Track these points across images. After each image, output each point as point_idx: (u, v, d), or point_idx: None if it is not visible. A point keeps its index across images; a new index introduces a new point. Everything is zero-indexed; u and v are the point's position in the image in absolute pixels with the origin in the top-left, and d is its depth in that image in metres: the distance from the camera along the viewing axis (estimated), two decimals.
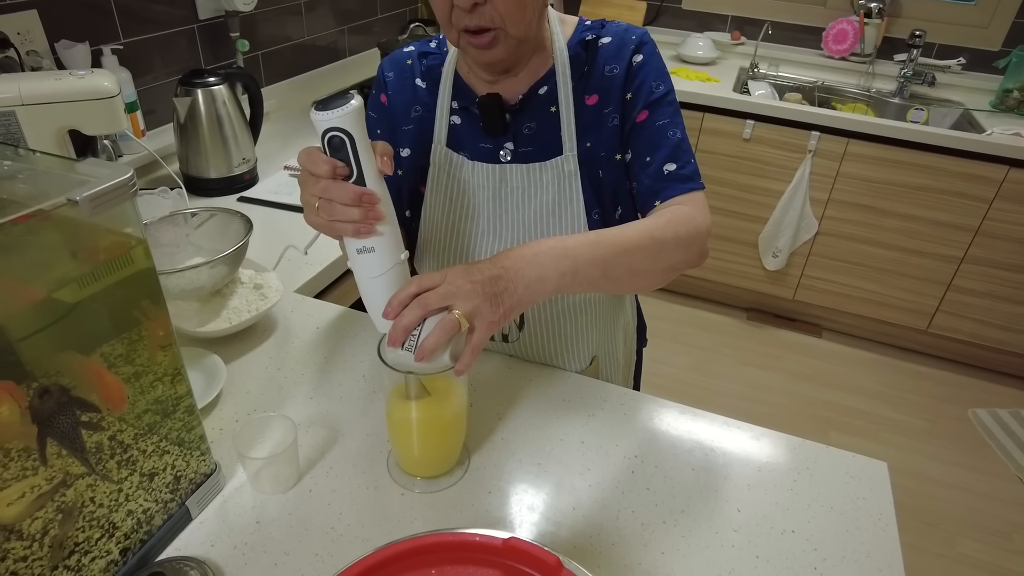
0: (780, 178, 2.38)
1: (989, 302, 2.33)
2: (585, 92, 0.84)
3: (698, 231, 0.77)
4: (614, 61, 0.83)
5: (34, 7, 1.25)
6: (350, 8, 2.16)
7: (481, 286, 0.66)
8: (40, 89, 0.96)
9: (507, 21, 0.73)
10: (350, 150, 0.64)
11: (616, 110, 0.84)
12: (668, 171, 0.81)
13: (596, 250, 0.71)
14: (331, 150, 0.64)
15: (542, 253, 0.70)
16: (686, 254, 0.77)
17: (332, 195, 0.64)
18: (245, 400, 0.86)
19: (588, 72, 0.84)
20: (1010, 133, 2.10)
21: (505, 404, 0.87)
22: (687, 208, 0.79)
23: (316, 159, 0.64)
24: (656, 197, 0.81)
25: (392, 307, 0.65)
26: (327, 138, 0.64)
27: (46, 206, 0.50)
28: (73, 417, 0.56)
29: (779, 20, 2.69)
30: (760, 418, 2.20)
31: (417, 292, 0.65)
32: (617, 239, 0.73)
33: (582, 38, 0.84)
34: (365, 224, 0.65)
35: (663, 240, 0.75)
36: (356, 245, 0.67)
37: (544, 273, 0.69)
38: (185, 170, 1.41)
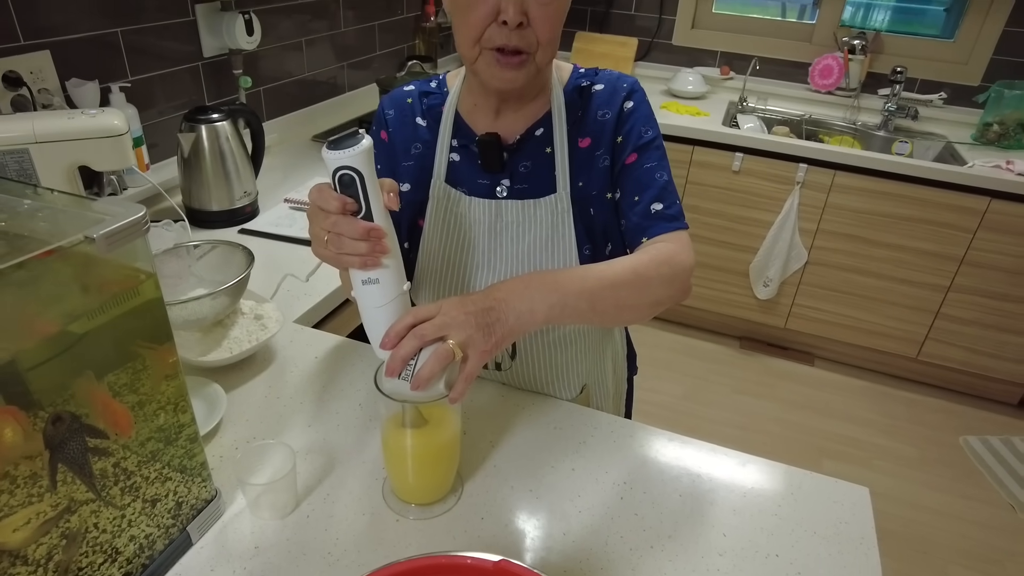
0: (769, 209, 2.43)
1: (978, 330, 2.37)
2: (579, 135, 0.89)
3: (682, 268, 0.81)
4: (606, 107, 0.88)
5: (47, 48, 1.30)
6: (350, 45, 2.23)
7: (474, 317, 0.69)
8: (53, 128, 1.00)
9: (540, 47, 0.78)
10: (359, 187, 0.67)
11: (607, 152, 0.88)
12: (655, 210, 0.85)
13: (584, 284, 0.75)
14: (341, 187, 0.68)
15: (532, 286, 0.73)
16: (670, 290, 0.81)
17: (341, 229, 0.68)
18: (245, 428, 0.89)
19: (582, 116, 0.89)
20: (991, 165, 2.16)
21: (498, 432, 0.90)
22: (672, 246, 0.83)
23: (327, 195, 0.68)
24: (643, 234, 0.85)
25: (389, 338, 0.69)
26: (338, 176, 0.67)
27: (65, 243, 0.53)
28: (83, 443, 0.58)
29: (767, 56, 2.77)
30: (754, 447, 2.22)
31: (413, 323, 0.69)
32: (604, 274, 0.77)
33: (577, 84, 0.89)
34: (372, 257, 0.69)
35: (648, 276, 0.78)
36: (361, 276, 0.71)
37: (534, 305, 0.72)
38: (188, 203, 1.45)
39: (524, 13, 0.75)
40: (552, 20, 0.77)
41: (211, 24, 1.65)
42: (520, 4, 0.74)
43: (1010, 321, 2.31)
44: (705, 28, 2.86)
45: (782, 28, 2.80)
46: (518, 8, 0.74)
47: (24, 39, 1.26)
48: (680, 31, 2.87)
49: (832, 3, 2.66)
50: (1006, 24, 2.45)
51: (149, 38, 1.52)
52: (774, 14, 2.85)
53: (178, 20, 1.58)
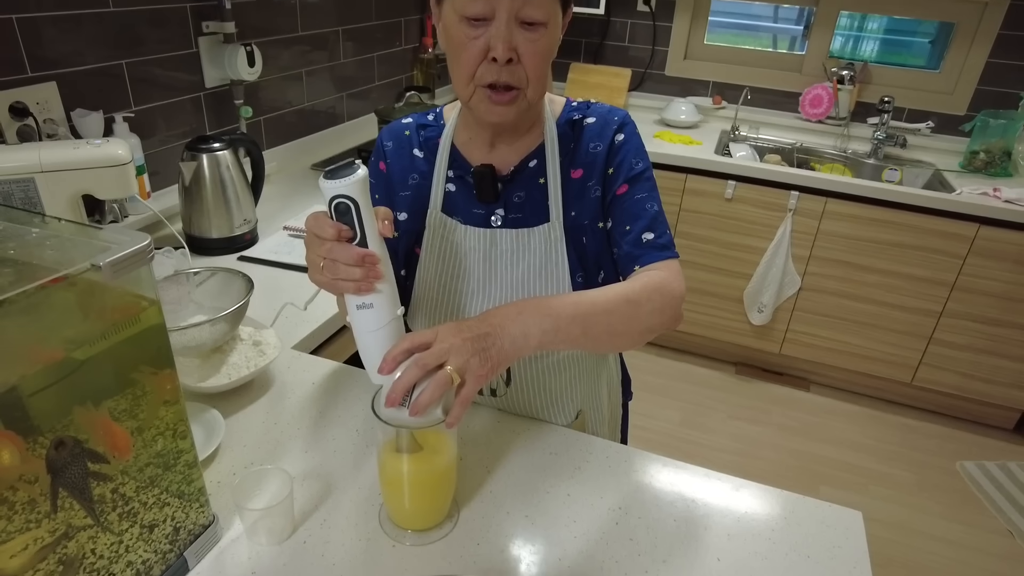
0: (762, 236, 2.46)
1: (971, 355, 2.38)
2: (571, 166, 0.91)
3: (673, 296, 0.83)
4: (598, 139, 0.91)
5: (53, 79, 1.33)
6: (349, 75, 2.27)
7: (471, 342, 0.70)
8: (59, 157, 1.02)
9: (530, 83, 0.81)
10: (354, 215, 0.70)
11: (598, 183, 0.91)
12: (646, 239, 0.88)
13: (577, 309, 0.77)
14: (337, 215, 0.71)
15: (527, 311, 0.75)
16: (661, 317, 0.82)
17: (337, 256, 0.70)
18: (242, 453, 0.89)
19: (574, 148, 0.91)
20: (979, 192, 2.20)
21: (494, 458, 0.90)
22: (663, 274, 0.85)
23: (323, 223, 0.70)
24: (635, 262, 0.88)
25: (387, 362, 0.70)
26: (334, 204, 0.70)
27: (72, 271, 0.54)
28: (84, 467, 0.59)
29: (758, 85, 2.83)
30: (751, 473, 2.21)
31: (410, 349, 0.70)
32: (597, 300, 0.79)
33: (570, 117, 0.92)
34: (366, 282, 0.71)
35: (640, 303, 0.80)
36: (356, 301, 0.73)
37: (528, 330, 0.74)
38: (188, 230, 1.47)
39: (513, 50, 0.78)
40: (540, 56, 0.80)
41: (213, 56, 1.69)
42: (508, 42, 0.77)
43: (1003, 346, 2.33)
44: (697, 59, 2.92)
45: (772, 59, 2.86)
46: (507, 45, 0.77)
47: (31, 71, 1.29)
48: (673, 62, 2.93)
49: (821, 34, 2.73)
50: (989, 56, 2.51)
51: (153, 69, 1.55)
52: (765, 45, 2.92)
53: (181, 52, 1.62)
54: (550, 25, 0.79)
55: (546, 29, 0.78)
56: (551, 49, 0.81)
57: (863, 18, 2.76)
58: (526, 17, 0.76)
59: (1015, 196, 2.14)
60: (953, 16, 2.55)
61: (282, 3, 1.90)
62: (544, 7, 0.77)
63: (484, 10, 0.75)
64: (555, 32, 0.80)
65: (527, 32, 0.77)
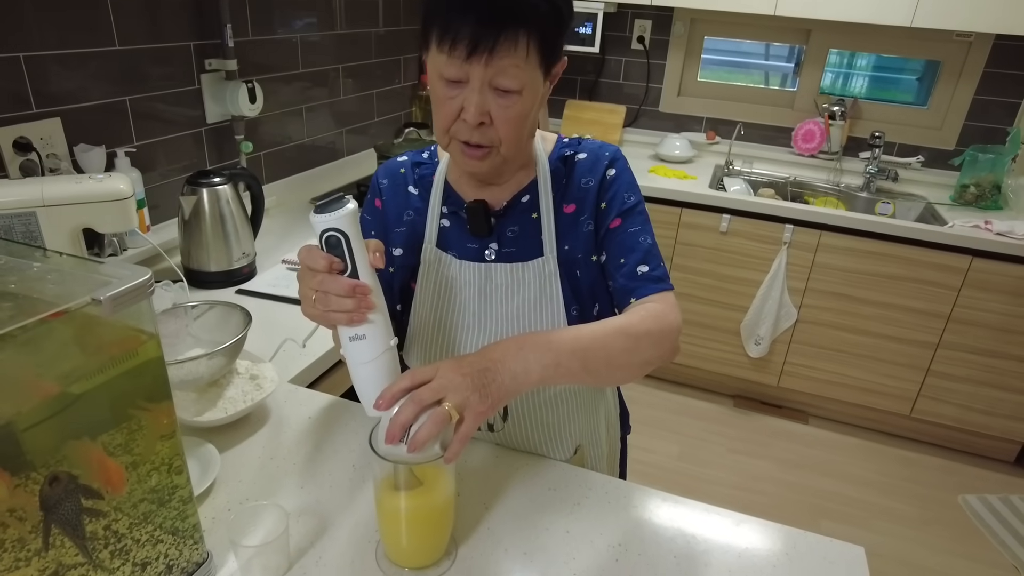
0: (758, 268, 2.48)
1: (969, 387, 2.38)
2: (564, 201, 0.92)
3: (670, 328, 0.84)
4: (589, 174, 0.92)
5: (57, 115, 1.35)
6: (349, 111, 2.31)
7: (471, 378, 0.70)
8: (61, 192, 1.03)
9: (503, 143, 0.81)
10: (345, 247, 0.71)
11: (591, 217, 0.92)
12: (641, 272, 0.88)
13: (577, 343, 0.77)
14: (328, 247, 0.72)
15: (527, 346, 0.75)
16: (659, 350, 0.83)
17: (328, 288, 0.71)
18: (238, 489, 0.88)
19: (566, 184, 0.93)
20: (970, 225, 2.22)
21: (492, 494, 0.89)
22: (660, 306, 0.85)
23: (314, 256, 0.72)
24: (631, 295, 0.88)
25: (385, 399, 0.70)
26: (324, 237, 0.71)
27: (73, 305, 0.55)
28: (77, 504, 0.58)
29: (751, 121, 2.88)
30: (752, 507, 2.19)
31: (410, 386, 0.70)
32: (596, 334, 0.79)
33: (561, 154, 0.93)
34: (358, 313, 0.71)
35: (637, 336, 0.81)
36: (349, 333, 0.73)
37: (528, 365, 0.74)
38: (187, 263, 1.47)
39: (485, 114, 0.78)
40: (513, 121, 0.79)
41: (215, 92, 1.72)
42: (480, 107, 0.77)
43: (1001, 378, 2.33)
44: (691, 95, 2.98)
45: (765, 95, 2.92)
46: (478, 110, 0.77)
47: (36, 107, 1.31)
48: (667, 98, 2.99)
49: (811, 71, 2.79)
50: (975, 93, 2.57)
51: (156, 105, 1.58)
52: (757, 82, 2.98)
53: (184, 88, 1.65)
54: (525, 92, 0.78)
55: (520, 96, 0.78)
56: (525, 114, 0.80)
57: (852, 56, 2.83)
58: (499, 85, 0.77)
59: (1006, 229, 2.16)
60: (939, 55, 2.62)
61: (283, 41, 1.94)
62: (518, 77, 0.76)
63: (459, 75, 0.77)
64: (531, 98, 0.79)
65: (500, 98, 0.78)
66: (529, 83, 0.78)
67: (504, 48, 0.74)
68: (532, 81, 0.78)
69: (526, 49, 0.75)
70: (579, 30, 2.69)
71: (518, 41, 0.74)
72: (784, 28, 2.78)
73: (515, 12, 0.73)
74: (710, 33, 2.88)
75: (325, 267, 0.71)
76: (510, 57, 0.75)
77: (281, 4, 1.90)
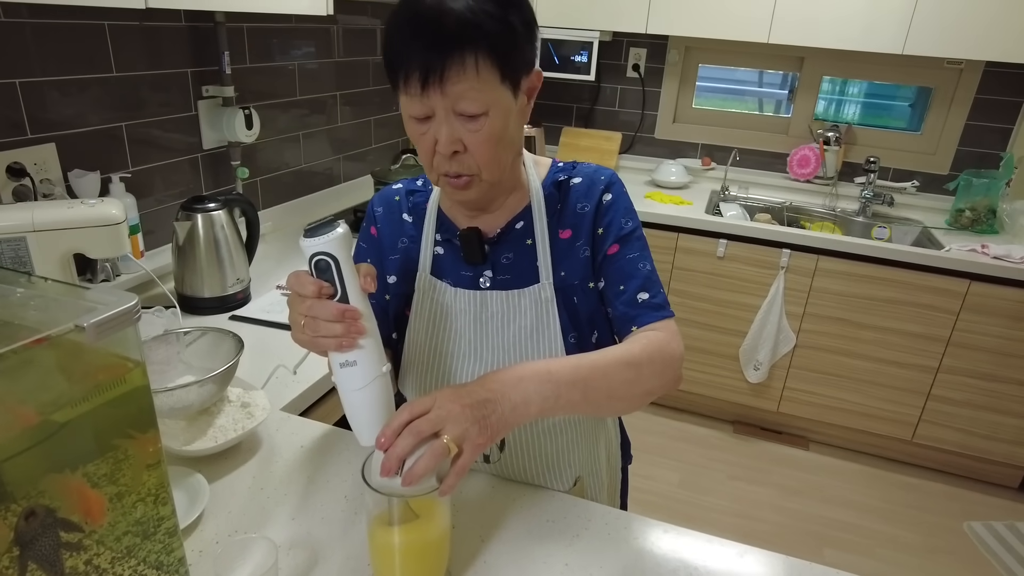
0: (755, 293, 2.47)
1: (970, 411, 2.36)
2: (559, 226, 0.91)
3: (673, 357, 0.83)
4: (585, 199, 0.91)
5: (52, 141, 1.34)
6: (346, 138, 2.32)
7: (470, 409, 0.68)
8: (52, 217, 1.02)
9: (483, 169, 0.80)
10: (335, 272, 0.70)
11: (587, 243, 0.90)
12: (642, 299, 0.87)
13: (577, 374, 0.76)
14: (317, 272, 0.70)
15: (527, 377, 0.73)
16: (661, 380, 0.82)
17: (316, 312, 0.69)
18: (227, 521, 0.85)
19: (561, 209, 0.91)
20: (967, 249, 2.23)
21: (488, 526, 0.87)
22: (662, 335, 0.84)
23: (303, 280, 0.70)
24: (632, 323, 0.87)
25: (386, 436, 0.67)
26: (314, 261, 0.70)
27: (55, 332, 0.53)
28: (55, 539, 0.56)
29: (746, 147, 2.90)
30: (754, 535, 2.15)
31: (409, 420, 0.67)
32: (597, 364, 0.78)
33: (555, 179, 0.92)
34: (347, 338, 0.70)
35: (639, 366, 0.80)
36: (339, 360, 0.71)
37: (528, 396, 0.72)
38: (180, 289, 1.46)
39: (457, 141, 0.77)
40: (486, 144, 0.77)
41: (212, 118, 1.72)
42: (450, 135, 0.76)
43: (1001, 402, 2.31)
44: (686, 122, 3.00)
45: (760, 121, 2.95)
46: (447, 140, 0.76)
47: (31, 132, 1.31)
48: (662, 125, 3.01)
49: (805, 98, 2.82)
50: (967, 118, 2.59)
51: (152, 131, 1.58)
52: (751, 108, 3.01)
53: (180, 115, 1.65)
54: (492, 112, 0.76)
55: (488, 118, 0.76)
56: (498, 134, 0.78)
57: (845, 83, 2.86)
58: (462, 111, 0.75)
59: (1003, 252, 2.17)
60: (930, 81, 2.65)
61: (281, 69, 1.95)
62: (478, 100, 0.74)
63: (424, 110, 0.76)
64: (501, 117, 0.77)
65: (468, 124, 0.76)
66: (494, 103, 0.76)
67: (454, 74, 0.72)
68: (497, 100, 0.76)
69: (476, 70, 0.72)
70: (575, 58, 2.73)
71: (466, 64, 0.72)
72: (777, 56, 2.81)
73: (458, 36, 0.71)
74: (704, 61, 2.91)
75: (314, 292, 0.70)
76: (464, 82, 0.73)
77: (280, 32, 1.91)
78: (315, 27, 2.05)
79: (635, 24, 2.56)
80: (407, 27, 0.72)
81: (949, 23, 2.21)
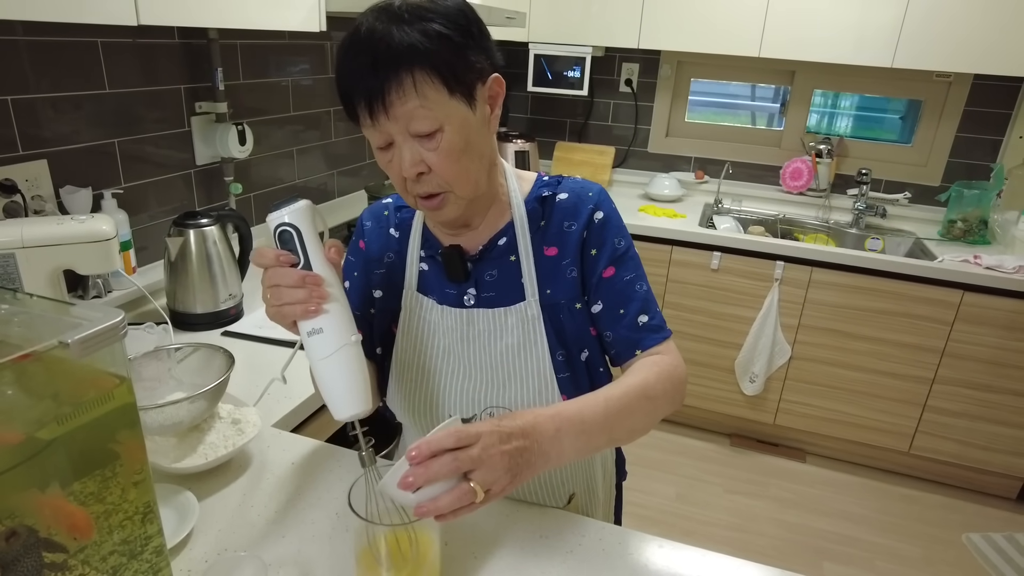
0: (750, 305, 2.47)
1: (967, 422, 2.35)
2: (544, 243, 0.90)
3: (680, 380, 0.85)
4: (572, 217, 0.89)
5: (44, 157, 1.34)
6: (340, 153, 2.32)
7: (509, 457, 0.68)
8: (41, 233, 1.02)
9: (453, 184, 0.79)
10: (297, 242, 0.72)
11: (574, 263, 0.89)
12: (642, 323, 0.88)
13: (606, 421, 0.77)
14: (281, 243, 0.72)
15: (563, 428, 0.74)
16: (672, 405, 0.85)
17: (278, 280, 0.71)
18: (216, 539, 0.84)
19: (545, 225, 0.90)
20: (960, 260, 2.23)
21: (481, 544, 0.86)
22: (668, 358, 0.86)
23: (264, 251, 0.72)
24: (636, 347, 0.88)
25: (421, 452, 0.65)
26: (278, 233, 0.72)
27: (39, 348, 0.52)
28: (38, 559, 0.55)
29: (738, 160, 2.92)
30: (751, 549, 2.13)
31: (455, 446, 0.66)
32: (623, 405, 0.79)
33: (539, 194, 0.91)
34: (312, 303, 0.70)
35: (656, 398, 0.82)
36: (307, 328, 0.72)
37: (563, 449, 0.74)
38: (172, 305, 1.45)
39: (420, 162, 0.77)
40: (448, 160, 0.76)
41: (205, 134, 1.72)
42: (411, 157, 0.76)
43: (998, 412, 2.31)
44: (679, 136, 3.02)
45: (752, 134, 2.97)
46: (410, 162, 0.76)
47: (23, 149, 1.30)
48: (655, 139, 3.03)
49: (797, 111, 2.84)
50: (957, 130, 2.62)
51: (145, 147, 1.58)
52: (744, 122, 3.03)
53: (173, 131, 1.65)
54: (447, 128, 0.75)
55: (443, 134, 0.75)
56: (458, 147, 0.76)
57: (836, 96, 2.88)
58: (416, 131, 0.75)
59: (996, 263, 2.17)
60: (920, 94, 2.67)
61: (275, 85, 1.96)
62: (428, 117, 0.73)
63: (382, 138, 0.77)
64: (459, 130, 0.76)
65: (426, 143, 0.76)
66: (447, 118, 0.75)
67: (396, 97, 0.72)
68: (450, 115, 0.75)
69: (415, 89, 0.72)
70: (567, 74, 2.75)
71: (404, 85, 0.71)
72: (769, 70, 2.84)
73: (393, 59, 0.71)
74: (696, 75, 2.94)
75: (273, 260, 0.71)
76: (407, 102, 0.72)
77: (273, 49, 1.92)
78: (309, 43, 2.06)
79: (627, 39, 2.58)
80: (348, 61, 0.74)
81: (937, 37, 2.23)
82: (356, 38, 0.73)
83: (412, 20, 0.72)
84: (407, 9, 0.73)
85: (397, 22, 0.72)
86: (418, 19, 0.72)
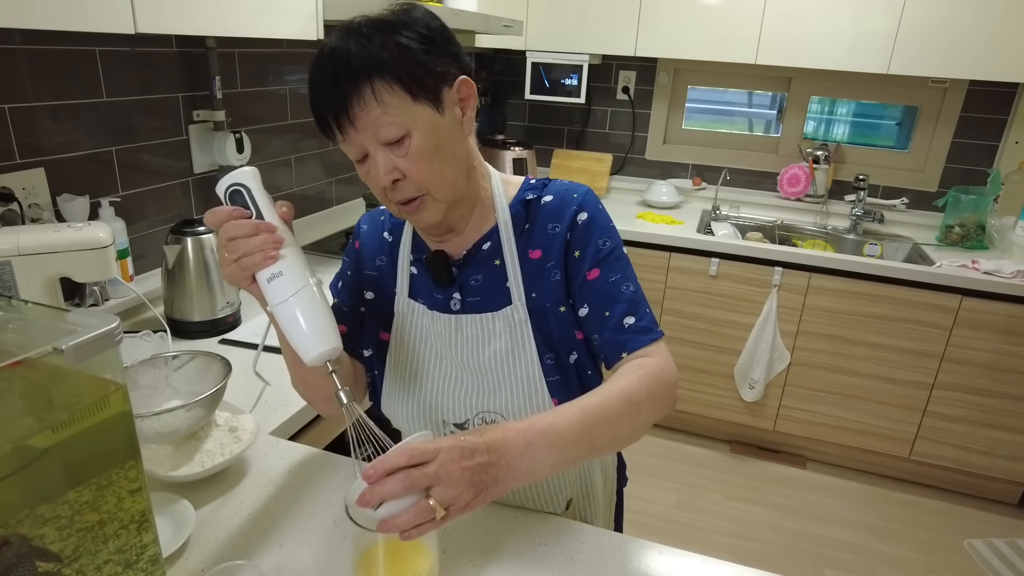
0: (749, 312, 2.47)
1: (967, 427, 2.35)
2: (528, 246, 0.89)
3: (668, 383, 0.81)
4: (556, 220, 0.88)
5: (41, 166, 1.34)
6: (337, 162, 2.32)
7: (471, 473, 0.66)
8: (37, 241, 1.01)
9: (428, 187, 0.80)
10: (247, 197, 0.75)
11: (558, 266, 0.88)
12: (628, 324, 0.85)
13: (583, 430, 0.74)
14: (232, 202, 0.75)
15: (534, 443, 0.71)
16: (661, 409, 0.81)
17: (234, 232, 0.72)
18: (213, 547, 0.83)
19: (529, 228, 0.89)
20: (958, 265, 2.24)
21: (479, 551, 0.85)
22: (656, 360, 0.82)
23: (216, 210, 0.74)
24: (622, 349, 0.84)
25: (376, 472, 0.64)
26: (228, 193, 0.75)
27: (33, 354, 0.52)
28: (32, 569, 0.55)
29: (736, 167, 2.92)
30: (752, 556, 2.12)
31: (408, 464, 0.65)
32: (601, 412, 0.76)
33: (523, 197, 0.90)
34: (269, 248, 0.72)
35: (640, 403, 0.78)
36: (266, 276, 0.73)
37: (534, 465, 0.71)
38: (170, 313, 1.45)
39: (394, 169, 0.77)
40: (419, 163, 0.77)
41: (203, 143, 1.73)
42: (386, 165, 0.77)
43: (997, 417, 2.31)
44: (676, 143, 3.03)
45: (749, 141, 2.97)
46: (384, 170, 0.77)
47: (20, 157, 1.30)
48: (652, 146, 3.03)
49: (794, 118, 2.85)
50: (954, 136, 2.62)
51: (142, 156, 1.58)
52: (741, 129, 3.04)
53: (171, 139, 1.65)
54: (415, 133, 0.76)
55: (411, 139, 0.76)
56: (428, 151, 0.77)
57: (832, 102, 2.89)
58: (384, 139, 0.75)
59: (993, 268, 2.18)
60: (916, 100, 2.68)
61: (273, 93, 1.97)
62: (395, 124, 0.74)
63: (357, 150, 0.78)
64: (428, 134, 0.76)
65: (396, 150, 0.76)
66: (413, 123, 0.75)
67: (358, 108, 0.74)
68: (416, 120, 0.76)
69: (375, 97, 0.73)
70: (565, 81, 2.76)
71: (364, 95, 0.73)
72: (765, 77, 2.85)
73: (352, 72, 0.73)
74: (693, 82, 2.95)
75: (225, 216, 0.73)
76: (370, 112, 0.74)
77: (271, 57, 1.93)
78: (306, 52, 2.06)
79: (624, 47, 2.59)
80: (315, 79, 0.77)
81: (932, 43, 2.24)
82: (321, 56, 0.76)
83: (371, 34, 0.74)
84: (367, 24, 0.76)
85: (356, 37, 0.74)
86: (378, 32, 0.75)
